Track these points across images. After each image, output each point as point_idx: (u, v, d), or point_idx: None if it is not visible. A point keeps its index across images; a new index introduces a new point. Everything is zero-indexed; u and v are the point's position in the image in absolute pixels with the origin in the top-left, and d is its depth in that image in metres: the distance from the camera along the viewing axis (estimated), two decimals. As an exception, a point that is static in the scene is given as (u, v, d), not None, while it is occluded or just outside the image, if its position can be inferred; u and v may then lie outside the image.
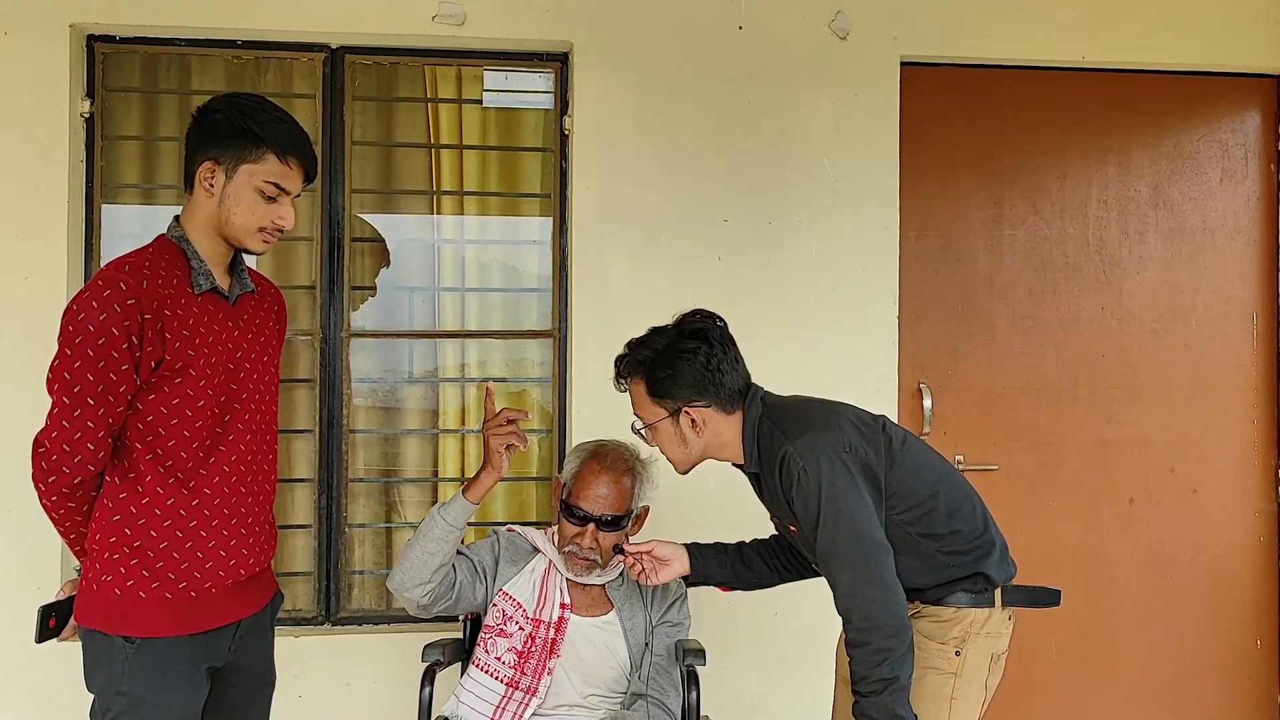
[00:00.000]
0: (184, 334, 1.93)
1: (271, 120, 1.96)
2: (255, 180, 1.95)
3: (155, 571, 1.94)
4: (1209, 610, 3.60)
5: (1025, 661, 3.46)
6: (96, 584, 1.95)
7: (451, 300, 3.48)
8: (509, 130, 3.49)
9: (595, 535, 2.49)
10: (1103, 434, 3.56)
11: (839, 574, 2.08)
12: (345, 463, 3.33)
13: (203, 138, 1.97)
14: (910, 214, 3.45)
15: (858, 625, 2.05)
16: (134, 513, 1.93)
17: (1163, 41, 3.51)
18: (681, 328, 2.23)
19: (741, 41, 3.35)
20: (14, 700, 3.10)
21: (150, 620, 1.93)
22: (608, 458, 2.55)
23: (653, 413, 2.23)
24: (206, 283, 1.98)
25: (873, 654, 2.02)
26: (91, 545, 1.97)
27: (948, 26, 3.43)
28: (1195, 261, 3.61)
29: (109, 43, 3.25)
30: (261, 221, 1.98)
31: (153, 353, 1.89)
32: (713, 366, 2.17)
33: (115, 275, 1.88)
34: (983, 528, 2.21)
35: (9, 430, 3.05)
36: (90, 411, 1.87)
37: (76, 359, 1.85)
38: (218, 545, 2.00)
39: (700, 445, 2.23)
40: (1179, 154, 3.61)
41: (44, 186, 3.12)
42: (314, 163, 2.04)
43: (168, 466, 1.95)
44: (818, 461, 2.07)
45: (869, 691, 2.03)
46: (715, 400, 2.19)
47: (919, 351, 3.47)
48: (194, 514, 1.97)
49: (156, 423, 1.93)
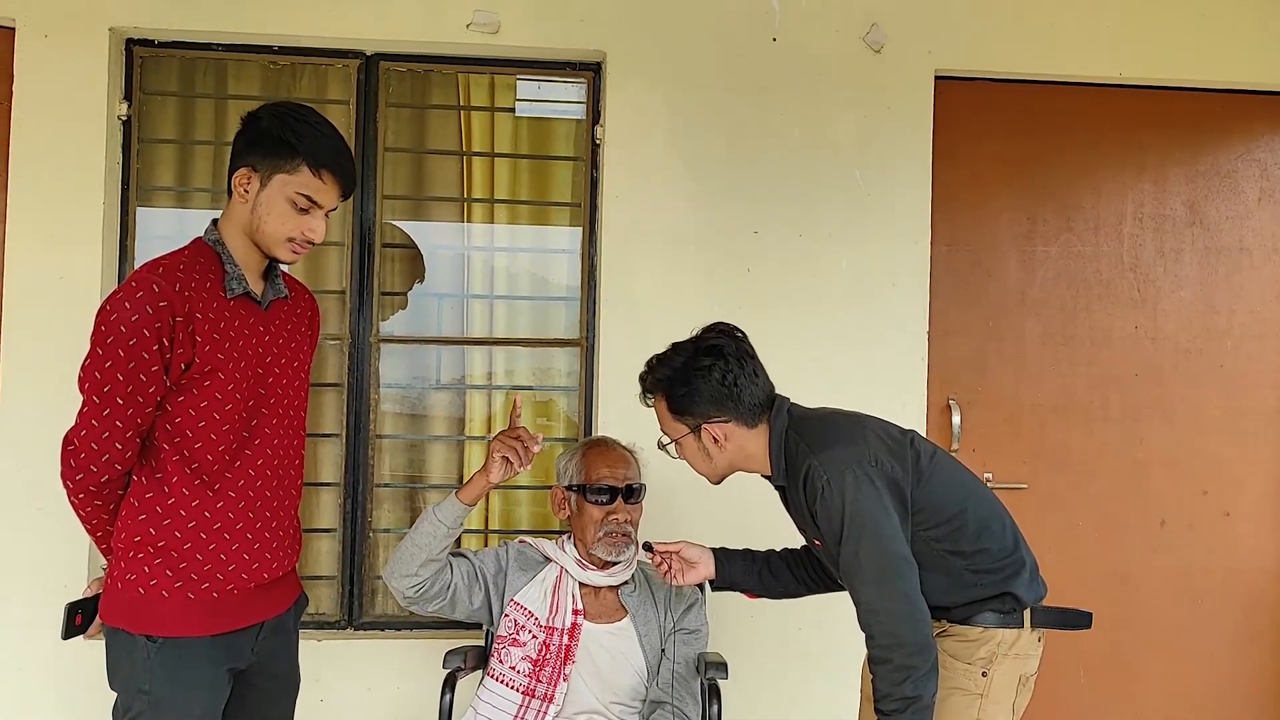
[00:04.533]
0: (214, 337, 1.94)
1: (310, 132, 1.96)
2: (288, 190, 1.96)
3: (179, 571, 1.95)
4: (1240, 636, 3.54)
5: (1051, 684, 3.41)
6: (121, 583, 1.96)
7: (480, 307, 3.49)
8: (540, 139, 3.50)
9: (625, 508, 2.53)
10: (1134, 454, 3.51)
11: (862, 590, 2.06)
12: (371, 468, 3.34)
13: (245, 144, 1.98)
14: (942, 228, 3.42)
15: (880, 642, 2.03)
16: (159, 513, 1.95)
17: (1200, 59, 3.47)
18: (698, 344, 2.22)
19: (775, 53, 3.34)
20: (40, 698, 3.12)
21: (172, 619, 1.94)
22: (604, 442, 2.64)
23: (675, 429, 2.24)
24: (239, 287, 2.00)
25: (895, 671, 2.00)
26: (117, 544, 1.98)
27: (983, 41, 3.41)
28: (1231, 281, 3.56)
29: (147, 47, 3.28)
30: (291, 232, 1.98)
31: (183, 354, 1.90)
32: (729, 382, 2.16)
33: (148, 277, 1.89)
34: (1013, 547, 2.18)
35: (43, 429, 3.07)
36: (119, 411, 1.88)
37: (108, 358, 1.87)
38: (241, 548, 2.01)
39: (725, 460, 2.23)
40: (1216, 172, 3.57)
41: (80, 188, 3.16)
42: (351, 179, 2.03)
43: (194, 468, 1.96)
44: (842, 475, 2.05)
45: (891, 710, 2.00)
46: (735, 415, 2.18)
47: (948, 367, 3.45)
48: (218, 516, 1.98)
49: (184, 425, 1.94)
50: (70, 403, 3.06)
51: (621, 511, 2.53)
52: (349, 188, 2.03)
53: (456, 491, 2.42)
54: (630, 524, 2.54)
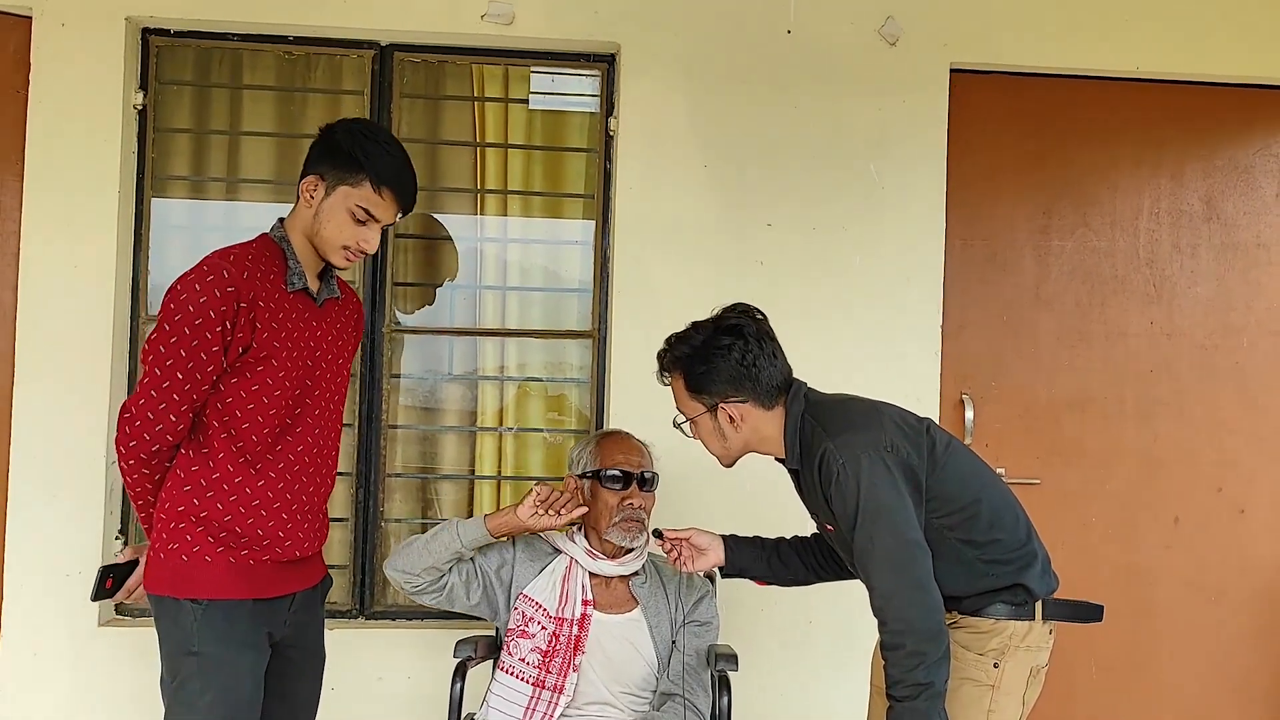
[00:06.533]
0: (273, 326, 2.07)
1: (377, 150, 2.10)
2: (349, 202, 2.10)
3: (219, 539, 2.07)
4: (1255, 633, 3.52)
5: (1064, 680, 3.40)
6: (164, 552, 2.07)
7: (493, 299, 3.49)
8: (554, 131, 3.50)
9: (639, 495, 2.54)
10: (1149, 451, 3.49)
11: (875, 575, 2.06)
12: (384, 458, 3.35)
13: (317, 154, 2.13)
14: (956, 222, 3.41)
15: (893, 628, 2.03)
16: (203, 485, 2.07)
17: (1218, 53, 3.44)
18: (718, 323, 2.22)
19: (789, 46, 3.33)
20: (56, 682, 3.14)
21: (217, 582, 2.06)
22: (619, 432, 2.67)
23: (692, 408, 2.24)
24: (300, 282, 2.13)
25: (907, 658, 2.00)
26: (160, 515, 2.09)
27: (999, 34, 3.39)
28: (1248, 277, 3.53)
29: (163, 36, 3.29)
30: (347, 241, 2.12)
31: (242, 339, 2.03)
32: (748, 363, 2.17)
33: (220, 263, 2.02)
34: (1025, 538, 2.17)
35: (58, 416, 3.11)
36: (177, 385, 2.00)
37: (173, 335, 1.98)
38: (276, 525, 2.12)
39: (740, 440, 2.23)
40: (1233, 168, 3.54)
41: (96, 177, 3.17)
42: (411, 198, 2.17)
43: (239, 447, 2.08)
44: (858, 459, 2.05)
45: (903, 696, 2.00)
46: (752, 396, 2.18)
47: (962, 362, 3.43)
48: (258, 494, 2.10)
49: (234, 405, 2.07)
50: (87, 392, 3.11)
51: (636, 497, 2.53)
52: (408, 206, 2.17)
53: (486, 517, 2.45)
54: (644, 510, 2.55)
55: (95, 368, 3.14)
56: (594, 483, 2.55)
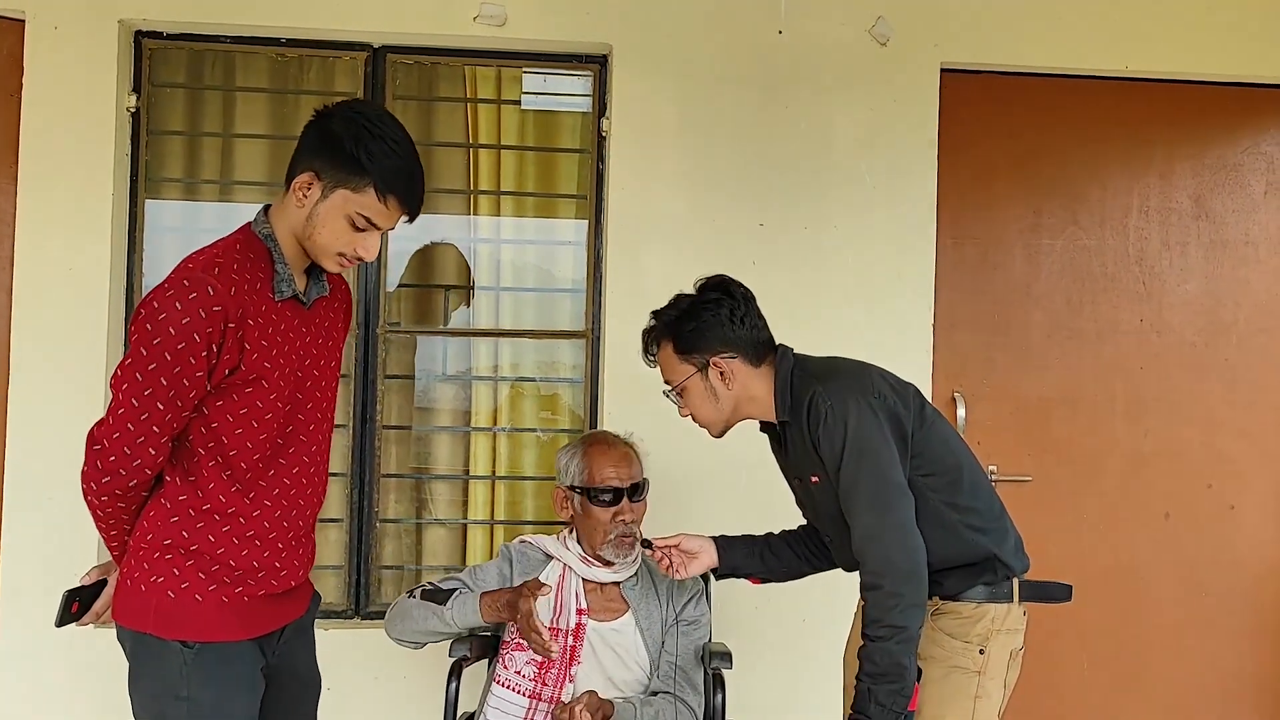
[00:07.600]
0: (262, 344, 1.86)
1: (383, 151, 1.82)
2: (349, 208, 1.84)
3: (211, 574, 1.88)
4: (1245, 629, 3.54)
5: (1055, 675, 3.43)
6: (145, 585, 1.87)
7: (486, 299, 3.50)
8: (546, 132, 3.51)
9: (630, 508, 2.50)
10: (1139, 448, 3.51)
11: (858, 515, 2.10)
12: (378, 458, 3.36)
13: (313, 145, 1.85)
14: (947, 222, 3.43)
15: (871, 568, 2.08)
16: (193, 515, 1.88)
17: (1207, 53, 3.46)
18: (703, 285, 2.28)
19: (781, 46, 3.34)
20: (53, 687, 3.15)
21: (209, 623, 1.88)
22: (605, 437, 2.61)
23: (681, 371, 2.25)
24: (289, 289, 1.91)
25: (885, 597, 2.04)
26: (140, 544, 1.90)
27: (989, 34, 3.40)
28: (1237, 275, 3.56)
29: (156, 39, 3.29)
30: (343, 248, 1.88)
31: (229, 360, 1.81)
32: (737, 318, 2.21)
33: (203, 277, 1.77)
34: (1000, 512, 2.24)
35: (53, 419, 3.11)
36: (158, 416, 1.79)
37: (152, 361, 1.76)
38: (272, 556, 1.95)
39: (731, 400, 2.24)
40: (1222, 166, 3.56)
41: (90, 179, 3.17)
42: (417, 204, 1.91)
43: (229, 475, 1.89)
44: (845, 402, 2.11)
45: (877, 637, 2.04)
46: (741, 351, 2.22)
47: (953, 360, 3.45)
48: (253, 523, 1.92)
49: (221, 430, 1.87)
50: (81, 396, 3.11)
51: (627, 512, 2.49)
52: (414, 213, 1.91)
53: (481, 601, 2.40)
54: (636, 523, 2.52)
55: (90, 370, 3.14)
56: (583, 498, 2.51)
